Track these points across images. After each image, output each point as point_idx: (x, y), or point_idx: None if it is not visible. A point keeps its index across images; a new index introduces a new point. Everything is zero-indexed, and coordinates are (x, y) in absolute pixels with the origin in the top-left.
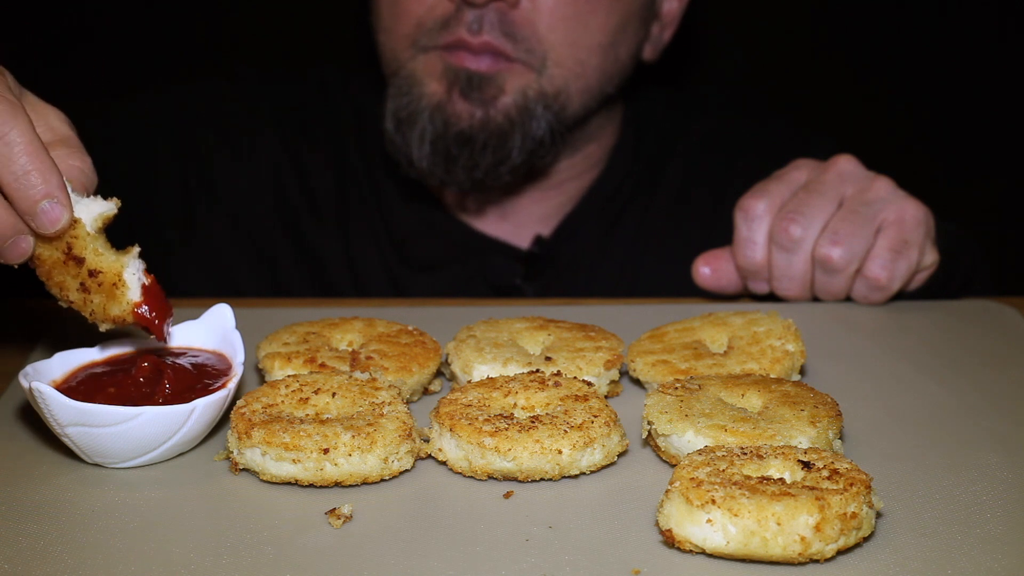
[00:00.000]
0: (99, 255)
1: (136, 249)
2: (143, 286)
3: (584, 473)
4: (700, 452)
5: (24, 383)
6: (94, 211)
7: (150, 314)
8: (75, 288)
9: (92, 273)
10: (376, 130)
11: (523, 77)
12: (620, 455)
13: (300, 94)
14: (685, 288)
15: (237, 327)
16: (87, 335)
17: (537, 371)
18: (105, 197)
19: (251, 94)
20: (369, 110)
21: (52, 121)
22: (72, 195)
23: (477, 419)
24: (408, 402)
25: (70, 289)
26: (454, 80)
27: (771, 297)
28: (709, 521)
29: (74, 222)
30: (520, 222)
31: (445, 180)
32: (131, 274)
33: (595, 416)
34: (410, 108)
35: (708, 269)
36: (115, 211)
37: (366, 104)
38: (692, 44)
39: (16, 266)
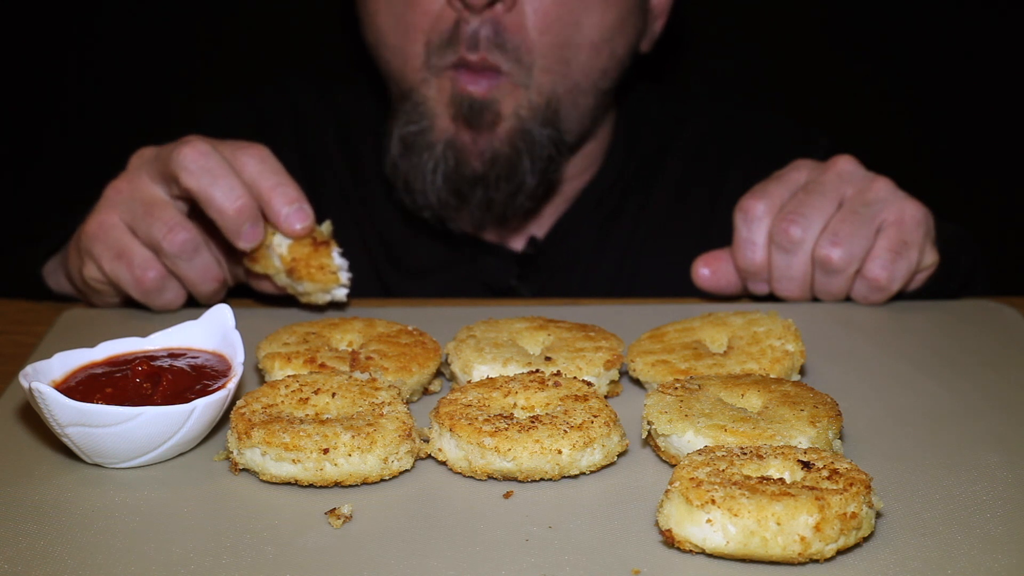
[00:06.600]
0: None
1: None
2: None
3: (584, 473)
4: (700, 452)
5: (24, 383)
6: None
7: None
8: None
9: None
10: (364, 137)
11: (514, 96)
12: (620, 455)
13: (273, 103)
14: (683, 287)
15: (237, 327)
16: (87, 336)
17: (537, 371)
18: None
19: (231, 107)
20: (358, 119)
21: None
22: None
23: (477, 419)
24: (408, 402)
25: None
26: (458, 109)
27: (771, 297)
28: (709, 521)
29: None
30: (514, 224)
31: (455, 216)
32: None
33: (595, 416)
34: (420, 138)
35: (707, 270)
36: None
37: (354, 113)
38: (684, 37)
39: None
